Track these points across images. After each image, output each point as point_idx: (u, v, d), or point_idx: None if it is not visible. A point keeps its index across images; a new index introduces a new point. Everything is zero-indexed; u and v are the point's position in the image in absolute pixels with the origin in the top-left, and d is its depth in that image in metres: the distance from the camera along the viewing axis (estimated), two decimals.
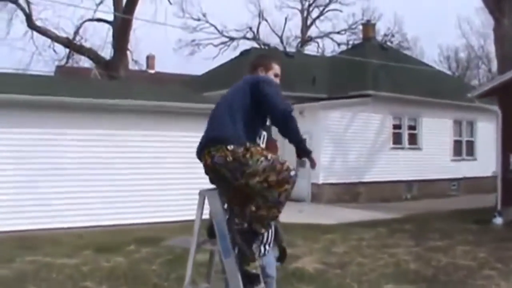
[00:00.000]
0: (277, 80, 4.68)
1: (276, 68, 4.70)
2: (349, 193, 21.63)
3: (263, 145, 4.48)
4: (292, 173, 4.11)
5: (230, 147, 4.08)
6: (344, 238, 12.72)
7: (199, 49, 47.42)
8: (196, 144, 4.32)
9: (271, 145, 4.73)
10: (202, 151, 4.23)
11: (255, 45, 44.88)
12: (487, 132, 25.09)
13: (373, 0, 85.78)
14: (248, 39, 48.25)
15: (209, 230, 4.41)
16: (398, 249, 11.41)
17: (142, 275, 8.85)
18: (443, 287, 8.32)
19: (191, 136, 4.34)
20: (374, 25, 33.83)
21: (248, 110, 4.19)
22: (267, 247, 5.07)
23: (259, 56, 5.88)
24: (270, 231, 5.12)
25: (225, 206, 4.32)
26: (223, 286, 4.94)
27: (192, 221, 4.36)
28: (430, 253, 10.95)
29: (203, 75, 29.96)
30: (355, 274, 9.11)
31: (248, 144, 4.12)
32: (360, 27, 40.24)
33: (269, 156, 4.11)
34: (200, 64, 58.88)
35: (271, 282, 5.21)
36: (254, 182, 4.08)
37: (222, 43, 47.67)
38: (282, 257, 5.47)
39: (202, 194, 4.29)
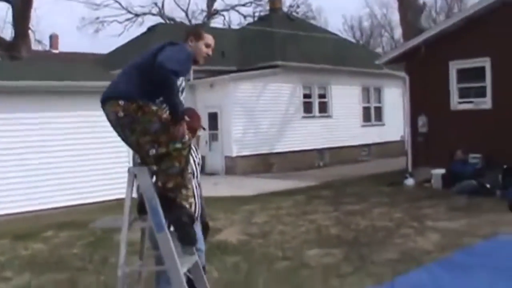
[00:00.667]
0: (209, 51, 4.61)
1: (208, 38, 4.59)
2: (262, 164, 21.80)
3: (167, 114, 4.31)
4: (186, 138, 4.10)
5: (121, 103, 4.04)
6: (262, 208, 12.88)
7: (104, 26, 46.51)
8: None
9: (190, 115, 4.55)
10: (103, 108, 4.18)
11: (161, 20, 44.18)
12: (393, 98, 25.89)
13: None
14: (153, 14, 47.47)
15: (139, 206, 4.34)
16: (317, 215, 11.64)
17: (64, 260, 8.67)
18: (365, 249, 8.53)
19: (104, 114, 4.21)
20: None
21: (148, 72, 4.03)
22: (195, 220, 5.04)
23: (192, 26, 5.75)
24: (197, 204, 5.11)
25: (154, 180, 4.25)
26: (153, 263, 4.92)
27: (112, 200, 4.29)
28: (349, 217, 11.25)
29: (110, 53, 29.31)
30: (278, 242, 9.26)
31: (141, 102, 4.04)
32: None
33: (163, 118, 4.06)
34: (106, 42, 57.50)
35: (201, 255, 5.21)
36: (144, 141, 4.06)
37: (127, 19, 46.73)
38: (204, 231, 5.50)
39: (132, 171, 4.20)
